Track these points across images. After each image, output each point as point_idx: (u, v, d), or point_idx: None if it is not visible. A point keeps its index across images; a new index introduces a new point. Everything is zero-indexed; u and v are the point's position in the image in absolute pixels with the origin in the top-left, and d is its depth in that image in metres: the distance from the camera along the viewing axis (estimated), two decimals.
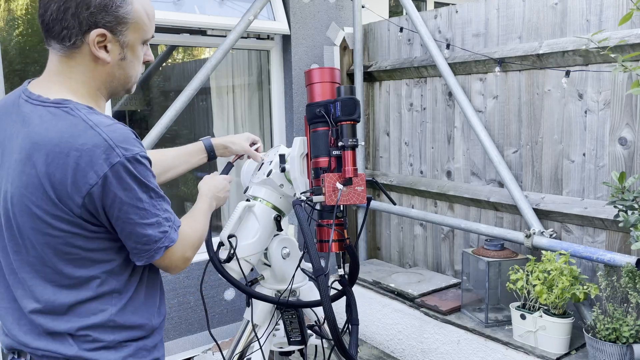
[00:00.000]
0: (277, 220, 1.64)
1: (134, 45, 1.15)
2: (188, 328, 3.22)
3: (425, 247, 3.51)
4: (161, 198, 1.16)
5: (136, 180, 1.08)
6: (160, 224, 1.14)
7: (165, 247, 1.16)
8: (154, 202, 1.13)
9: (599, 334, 2.20)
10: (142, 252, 1.14)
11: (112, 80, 1.16)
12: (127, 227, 1.10)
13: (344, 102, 1.45)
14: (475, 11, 3.01)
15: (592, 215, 2.49)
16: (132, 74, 1.19)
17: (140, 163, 1.09)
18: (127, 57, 1.15)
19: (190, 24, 3.10)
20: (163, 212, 1.15)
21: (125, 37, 1.12)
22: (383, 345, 3.28)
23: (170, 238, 1.16)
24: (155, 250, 1.15)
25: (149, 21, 1.17)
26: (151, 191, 1.12)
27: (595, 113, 2.51)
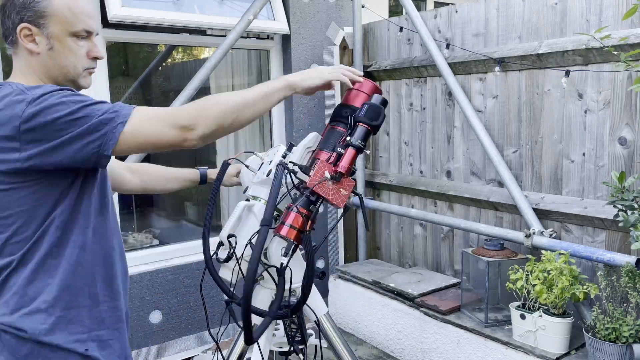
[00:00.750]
0: (276, 221, 1.64)
1: (59, 37, 1.26)
2: (188, 328, 3.22)
3: (425, 246, 3.51)
4: (99, 102, 1.20)
5: (56, 102, 1.15)
6: (107, 111, 1.18)
7: (122, 123, 1.17)
8: (90, 106, 1.17)
9: (598, 333, 2.20)
10: (96, 143, 1.17)
11: (47, 70, 1.28)
12: (70, 139, 1.15)
13: (370, 107, 1.48)
14: (475, 11, 3.01)
15: (592, 215, 2.50)
16: (66, 64, 1.28)
17: (53, 91, 1.17)
18: (55, 47, 1.26)
19: (190, 24, 3.10)
20: (107, 106, 1.19)
21: (48, 29, 1.25)
22: (383, 345, 3.28)
23: (124, 114, 1.18)
24: (111, 131, 1.17)
25: (73, 14, 1.26)
26: (78, 102, 1.17)
27: (595, 113, 2.51)
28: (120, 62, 4.01)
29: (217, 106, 1.25)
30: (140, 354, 3.06)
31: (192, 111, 1.23)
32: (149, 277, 3.05)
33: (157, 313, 3.10)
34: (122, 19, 2.80)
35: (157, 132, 1.21)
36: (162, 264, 3.15)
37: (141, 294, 3.03)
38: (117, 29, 2.93)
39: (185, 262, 3.19)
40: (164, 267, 3.13)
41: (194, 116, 1.22)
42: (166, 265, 3.14)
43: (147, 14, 2.89)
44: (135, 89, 4.05)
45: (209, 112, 1.23)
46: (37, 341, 1.22)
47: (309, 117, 3.65)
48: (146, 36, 3.15)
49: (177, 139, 1.21)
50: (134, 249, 3.27)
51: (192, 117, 1.21)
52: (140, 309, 3.03)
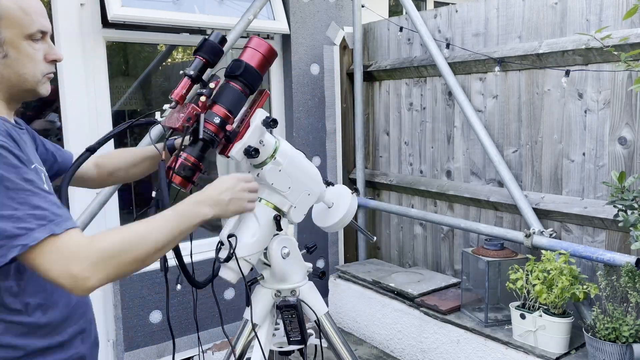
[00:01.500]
0: (277, 220, 1.64)
1: (14, 42, 1.12)
2: (188, 328, 3.22)
3: (425, 246, 3.51)
4: (30, 192, 1.01)
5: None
6: (21, 219, 0.99)
7: (20, 247, 0.98)
8: (11, 194, 0.99)
9: (598, 333, 2.20)
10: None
11: (2, 81, 1.14)
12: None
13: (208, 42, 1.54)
14: (475, 11, 3.01)
15: (592, 214, 2.50)
16: (24, 72, 1.14)
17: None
18: (9, 54, 1.12)
19: (190, 24, 3.10)
20: (29, 208, 1.00)
21: (0, 35, 1.10)
22: (383, 344, 3.28)
23: (33, 237, 0.98)
24: (9, 248, 0.98)
25: (26, 15, 1.13)
26: (6, 181, 0.99)
27: (595, 113, 2.51)
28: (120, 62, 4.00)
29: (125, 256, 1.06)
30: (140, 353, 3.06)
31: (94, 257, 1.02)
32: (149, 276, 3.05)
33: (157, 313, 3.10)
34: (122, 19, 2.80)
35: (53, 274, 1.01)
36: None
37: (141, 293, 3.03)
38: (117, 29, 2.93)
39: (185, 261, 3.18)
40: None
41: (93, 265, 1.02)
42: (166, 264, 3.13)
43: (147, 13, 2.89)
44: (136, 89, 4.05)
45: (112, 263, 1.04)
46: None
47: (309, 117, 3.65)
48: (146, 36, 3.15)
49: (63, 283, 1.01)
50: None
51: (90, 267, 1.01)
52: (140, 309, 3.04)
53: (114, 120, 3.10)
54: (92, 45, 2.84)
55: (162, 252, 1.14)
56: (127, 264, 1.06)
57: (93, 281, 1.02)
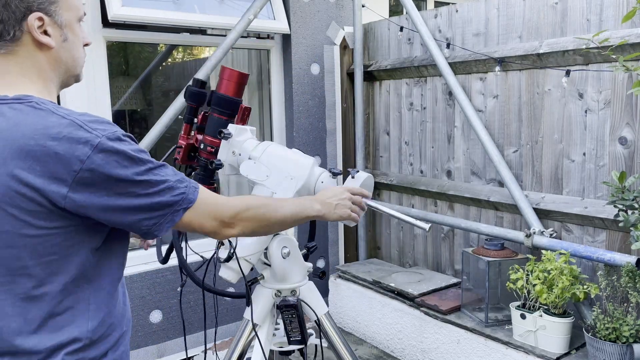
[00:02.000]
0: None
1: (71, 24, 1.10)
2: (188, 328, 3.22)
3: (425, 246, 3.51)
4: (162, 166, 1.09)
5: (125, 155, 1.01)
6: (172, 187, 1.08)
7: (183, 210, 1.09)
8: (155, 171, 1.06)
9: (599, 333, 2.20)
10: (154, 222, 1.06)
11: (60, 66, 1.11)
12: (133, 203, 1.03)
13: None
14: (475, 10, 3.01)
15: (592, 214, 2.49)
16: (77, 56, 1.14)
17: (122, 140, 1.02)
18: (68, 37, 1.10)
19: (190, 23, 3.10)
20: (172, 176, 1.09)
21: (61, 17, 1.07)
22: (383, 344, 3.28)
23: (188, 199, 1.10)
24: (170, 215, 1.08)
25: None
26: (147, 163, 1.05)
27: (596, 113, 2.51)
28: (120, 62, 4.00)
29: (262, 217, 1.26)
30: (141, 353, 3.06)
31: (239, 209, 1.21)
32: (149, 276, 3.06)
33: (158, 313, 3.10)
34: (122, 19, 2.80)
35: (202, 223, 1.15)
36: None
37: (142, 293, 3.03)
38: (117, 29, 2.93)
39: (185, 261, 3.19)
40: (165, 266, 3.13)
41: (238, 213, 1.20)
42: (166, 264, 3.14)
43: (147, 13, 2.89)
44: (136, 89, 4.05)
45: (253, 220, 1.24)
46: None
47: (309, 117, 3.65)
48: (146, 36, 3.15)
49: (213, 230, 1.18)
50: (134, 249, 3.27)
51: (236, 214, 1.20)
52: (140, 309, 3.04)
53: (114, 120, 3.10)
54: (92, 45, 2.84)
55: (283, 226, 1.35)
56: (261, 220, 1.26)
57: (236, 229, 1.21)
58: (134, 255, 3.12)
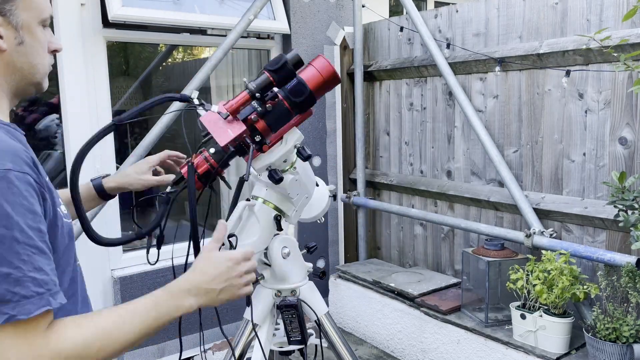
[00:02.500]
0: (277, 220, 1.64)
1: (29, 26, 0.97)
2: (188, 328, 3.21)
3: (425, 246, 3.51)
4: (36, 249, 0.86)
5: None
6: (19, 281, 0.83)
7: (8, 316, 0.82)
8: (20, 249, 0.83)
9: (599, 333, 2.20)
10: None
11: (14, 72, 0.98)
12: None
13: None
14: (475, 11, 3.01)
15: (592, 215, 2.49)
16: (36, 62, 1.00)
17: (10, 182, 0.84)
18: (25, 40, 0.97)
19: (191, 24, 3.10)
20: (34, 271, 0.84)
21: (17, 18, 0.95)
22: (383, 344, 3.28)
23: (25, 309, 0.83)
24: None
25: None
26: (20, 232, 0.83)
27: (596, 113, 2.51)
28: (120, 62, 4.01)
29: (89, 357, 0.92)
30: (141, 353, 3.06)
31: None
32: (149, 277, 3.05)
33: None
34: (123, 19, 2.80)
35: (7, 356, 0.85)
36: (162, 263, 3.13)
37: (142, 293, 3.02)
38: (118, 29, 2.93)
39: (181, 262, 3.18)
40: (165, 267, 3.12)
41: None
42: (167, 265, 3.12)
43: (147, 13, 2.89)
44: (136, 89, 4.06)
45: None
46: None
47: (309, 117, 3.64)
48: (147, 36, 3.15)
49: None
50: (134, 249, 3.27)
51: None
52: None
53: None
54: (93, 45, 2.84)
55: (129, 348, 1.00)
56: None
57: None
58: (135, 256, 3.12)
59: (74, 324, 0.92)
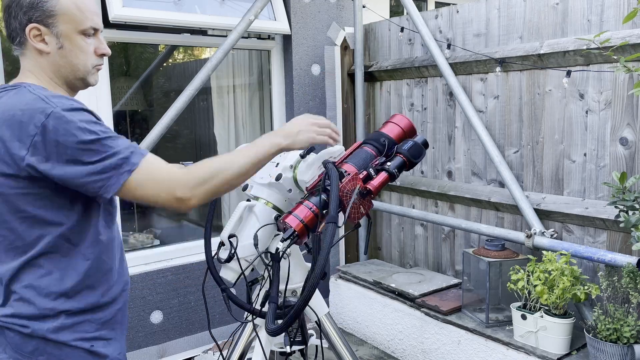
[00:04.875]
0: (277, 220, 1.64)
1: (69, 35, 1.28)
2: (189, 328, 3.22)
3: (426, 247, 3.51)
4: (111, 137, 1.20)
5: (74, 125, 1.16)
6: (117, 153, 1.19)
7: (127, 172, 1.19)
8: (102, 141, 1.18)
9: (599, 334, 2.19)
10: (100, 184, 1.18)
11: (58, 69, 1.30)
12: (79, 169, 1.17)
13: (416, 145, 1.60)
14: (476, 11, 3.01)
15: (593, 215, 2.49)
16: (76, 63, 1.31)
17: (76, 110, 1.19)
18: (65, 46, 1.28)
19: (191, 24, 3.10)
20: (120, 145, 1.20)
21: (57, 28, 1.26)
22: (384, 345, 3.28)
23: (131, 162, 1.19)
24: (115, 177, 1.18)
25: (81, 12, 1.28)
26: (94, 133, 1.18)
27: (596, 113, 2.51)
28: (121, 63, 4.01)
29: (216, 179, 1.26)
30: (141, 354, 3.06)
31: (191, 183, 1.23)
32: (150, 277, 3.06)
33: (158, 313, 3.10)
34: (123, 19, 2.81)
35: (155, 194, 1.23)
36: (163, 264, 3.15)
37: (142, 294, 3.03)
38: (118, 29, 2.93)
39: (186, 262, 3.19)
40: (165, 267, 3.13)
41: (192, 188, 1.23)
42: (167, 265, 3.14)
43: (148, 14, 2.89)
44: (137, 89, 4.06)
45: (207, 186, 1.25)
46: (43, 338, 1.24)
47: None
48: (147, 36, 3.15)
49: (171, 205, 1.24)
50: (135, 249, 3.28)
51: (190, 190, 1.23)
52: (141, 309, 3.04)
53: (115, 120, 3.10)
54: None
55: (246, 176, 1.32)
56: (219, 185, 1.26)
57: (194, 201, 1.24)
58: (135, 256, 3.12)
59: (204, 161, 1.30)
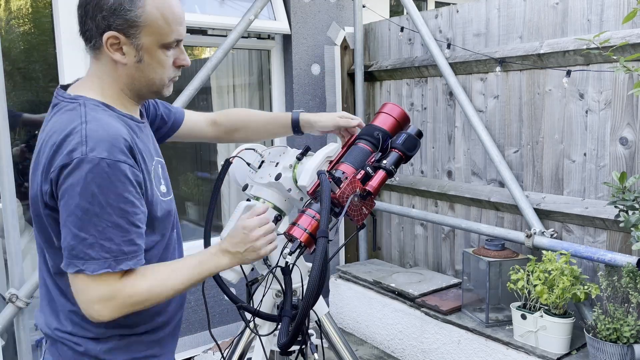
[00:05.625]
0: (277, 220, 1.64)
1: (150, 49, 1.15)
2: (189, 328, 3.22)
3: (425, 247, 3.51)
4: (112, 224, 1.07)
5: (85, 183, 1.05)
6: (92, 245, 1.06)
7: (77, 270, 1.07)
8: (94, 220, 1.06)
9: (599, 334, 2.19)
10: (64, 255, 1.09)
11: (133, 82, 1.19)
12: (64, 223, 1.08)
13: (410, 138, 1.54)
14: (476, 11, 3.01)
15: (593, 215, 2.49)
16: (153, 77, 1.19)
17: (101, 168, 1.05)
18: (144, 59, 1.16)
19: (191, 24, 3.10)
20: (105, 240, 1.07)
21: (139, 40, 1.14)
22: (384, 345, 3.28)
23: (91, 267, 1.07)
24: (68, 262, 1.08)
25: (167, 24, 1.15)
26: (98, 207, 1.06)
27: (596, 113, 2.51)
28: None
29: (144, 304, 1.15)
30: None
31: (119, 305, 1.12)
32: None
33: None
34: None
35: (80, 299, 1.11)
36: None
37: None
38: None
39: None
40: None
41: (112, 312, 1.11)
42: None
43: None
44: None
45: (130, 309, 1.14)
46: (95, 357, 1.20)
47: None
48: None
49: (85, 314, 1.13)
50: None
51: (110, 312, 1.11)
52: None
53: None
54: None
55: (178, 294, 1.23)
56: (143, 307, 1.16)
57: (104, 319, 1.12)
58: None
59: (140, 275, 1.15)
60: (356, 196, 1.41)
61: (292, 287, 1.47)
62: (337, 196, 1.39)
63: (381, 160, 1.50)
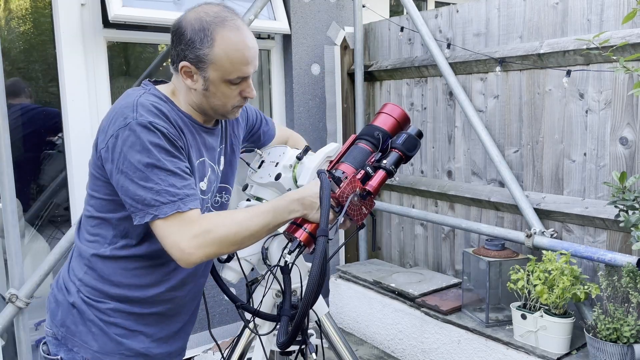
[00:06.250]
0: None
1: (215, 82, 1.33)
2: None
3: (425, 246, 3.51)
4: (170, 173, 1.24)
5: (140, 142, 1.23)
6: (159, 192, 1.22)
7: (152, 216, 1.23)
8: (156, 170, 1.23)
9: (599, 334, 2.19)
10: (134, 210, 1.25)
11: (200, 103, 1.38)
12: (125, 182, 1.24)
13: (410, 138, 1.56)
14: (476, 11, 3.01)
15: (593, 215, 2.49)
16: (217, 104, 1.37)
17: (148, 129, 1.24)
18: (209, 89, 1.35)
19: None
20: (168, 185, 1.23)
21: (206, 73, 1.33)
22: (383, 345, 3.28)
23: (163, 211, 1.22)
24: (143, 213, 1.24)
25: (231, 64, 1.32)
26: (155, 159, 1.23)
27: (596, 113, 2.51)
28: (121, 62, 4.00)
29: (225, 242, 1.26)
30: None
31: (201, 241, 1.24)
32: None
33: None
34: (123, 19, 2.80)
35: (166, 243, 1.25)
36: None
37: None
38: (118, 29, 2.93)
39: None
40: None
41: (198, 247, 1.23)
42: None
43: (147, 13, 2.89)
44: None
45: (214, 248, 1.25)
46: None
47: (310, 117, 3.65)
48: (147, 36, 3.15)
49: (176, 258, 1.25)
50: None
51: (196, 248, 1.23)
52: None
53: None
54: (93, 46, 2.84)
55: (255, 238, 1.32)
56: (226, 246, 1.27)
57: (195, 258, 1.23)
58: None
59: (217, 216, 1.31)
60: (356, 196, 1.41)
61: (291, 286, 1.47)
62: (337, 196, 1.39)
63: (381, 160, 1.50)
